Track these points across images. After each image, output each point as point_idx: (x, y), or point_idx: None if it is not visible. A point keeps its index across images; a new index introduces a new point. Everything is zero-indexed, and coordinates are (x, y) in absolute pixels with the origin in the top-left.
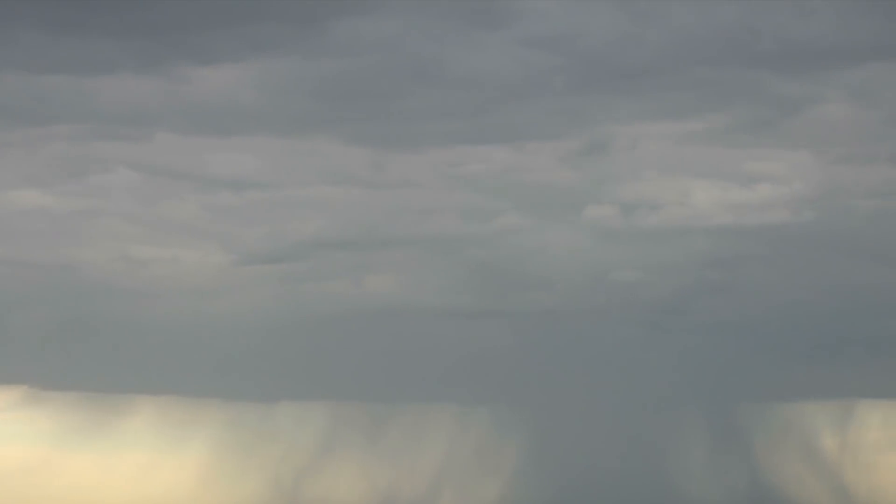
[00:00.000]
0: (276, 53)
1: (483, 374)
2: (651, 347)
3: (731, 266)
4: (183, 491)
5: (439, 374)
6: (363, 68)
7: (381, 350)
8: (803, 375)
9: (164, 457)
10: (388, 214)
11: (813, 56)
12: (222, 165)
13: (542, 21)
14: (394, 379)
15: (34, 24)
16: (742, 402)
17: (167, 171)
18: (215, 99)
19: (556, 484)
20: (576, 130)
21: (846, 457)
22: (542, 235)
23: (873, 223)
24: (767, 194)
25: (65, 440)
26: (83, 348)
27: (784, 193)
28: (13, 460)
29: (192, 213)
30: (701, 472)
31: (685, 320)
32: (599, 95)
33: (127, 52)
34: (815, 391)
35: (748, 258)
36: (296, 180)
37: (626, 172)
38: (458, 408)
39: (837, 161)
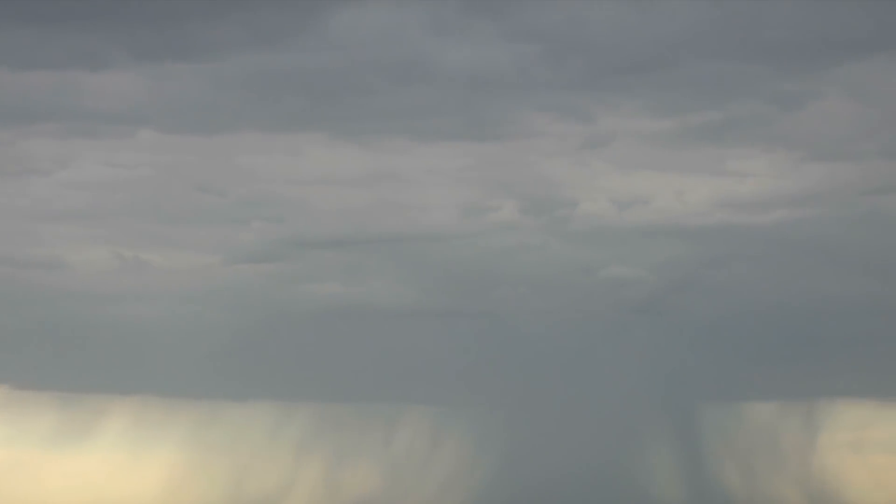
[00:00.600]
0: (263, 49)
1: (448, 375)
2: (619, 347)
3: (704, 266)
4: (162, 489)
5: (405, 374)
6: (352, 63)
7: (357, 350)
8: (770, 375)
9: (142, 456)
10: (376, 211)
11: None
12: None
13: (535, 13)
14: (365, 379)
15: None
16: (708, 401)
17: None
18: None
19: (519, 485)
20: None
21: (813, 457)
22: (518, 234)
23: (854, 224)
24: (743, 193)
25: (43, 440)
26: (61, 349)
27: (762, 192)
28: None
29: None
30: (667, 474)
31: (656, 320)
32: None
33: (109, 48)
34: (782, 391)
35: (721, 258)
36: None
37: (606, 171)
38: (425, 409)
39: (820, 160)
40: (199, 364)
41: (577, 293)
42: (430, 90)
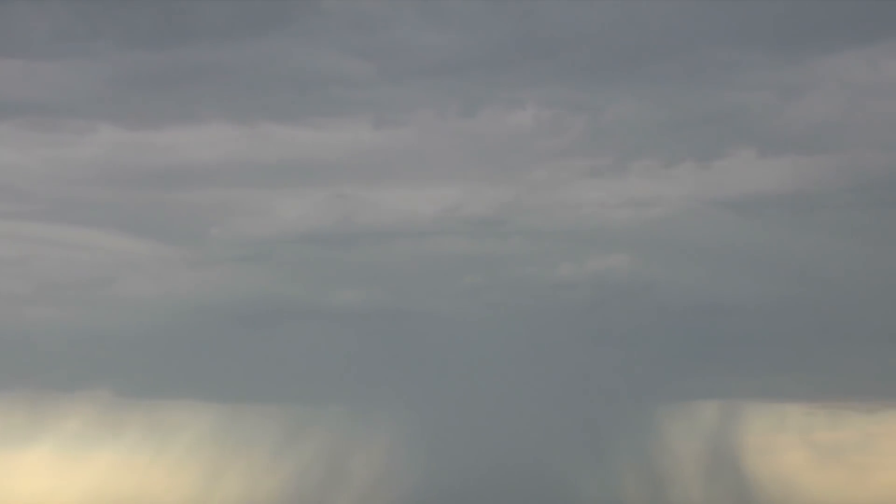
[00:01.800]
0: (236, 39)
1: (369, 376)
2: (546, 351)
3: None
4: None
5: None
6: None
7: (281, 351)
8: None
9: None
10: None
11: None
12: None
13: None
14: (289, 379)
15: None
16: (631, 403)
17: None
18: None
19: (440, 486)
20: None
21: (740, 457)
22: (489, 231)
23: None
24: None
25: None
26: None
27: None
28: None
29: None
30: (592, 475)
31: (582, 324)
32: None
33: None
34: (706, 392)
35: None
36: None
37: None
38: (341, 410)
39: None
40: (145, 365)
41: (519, 294)
42: (417, 78)
